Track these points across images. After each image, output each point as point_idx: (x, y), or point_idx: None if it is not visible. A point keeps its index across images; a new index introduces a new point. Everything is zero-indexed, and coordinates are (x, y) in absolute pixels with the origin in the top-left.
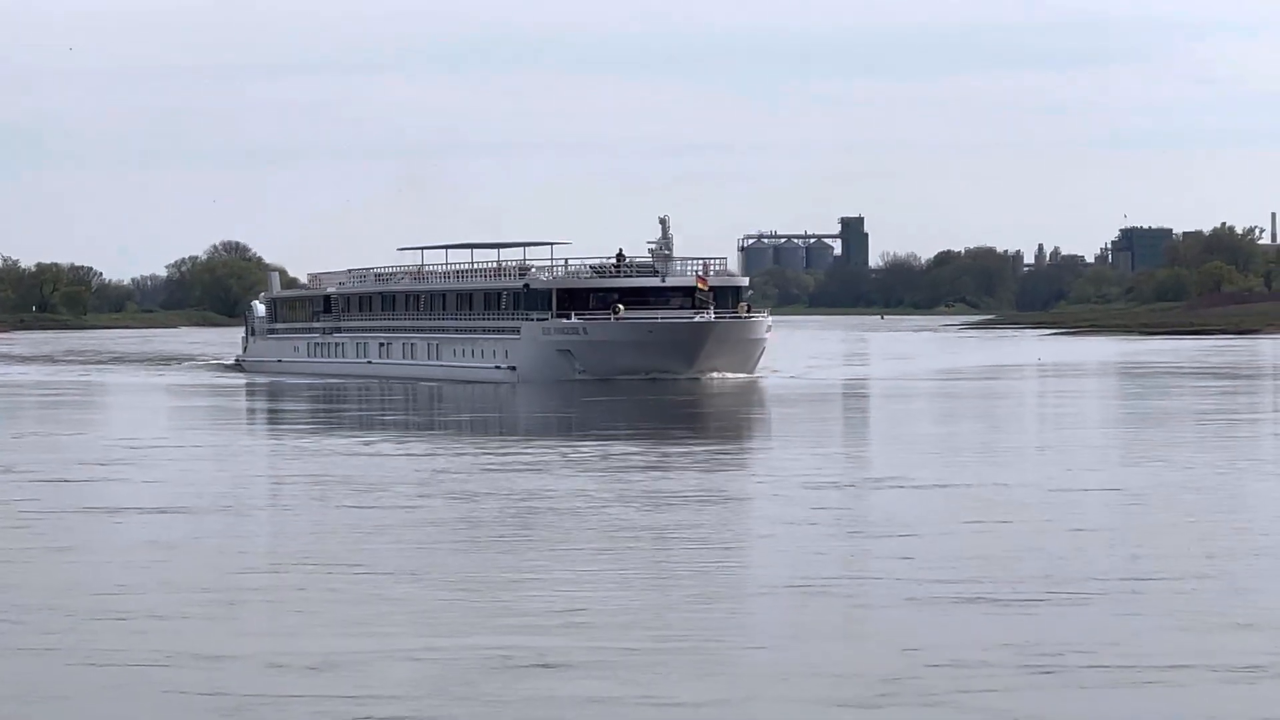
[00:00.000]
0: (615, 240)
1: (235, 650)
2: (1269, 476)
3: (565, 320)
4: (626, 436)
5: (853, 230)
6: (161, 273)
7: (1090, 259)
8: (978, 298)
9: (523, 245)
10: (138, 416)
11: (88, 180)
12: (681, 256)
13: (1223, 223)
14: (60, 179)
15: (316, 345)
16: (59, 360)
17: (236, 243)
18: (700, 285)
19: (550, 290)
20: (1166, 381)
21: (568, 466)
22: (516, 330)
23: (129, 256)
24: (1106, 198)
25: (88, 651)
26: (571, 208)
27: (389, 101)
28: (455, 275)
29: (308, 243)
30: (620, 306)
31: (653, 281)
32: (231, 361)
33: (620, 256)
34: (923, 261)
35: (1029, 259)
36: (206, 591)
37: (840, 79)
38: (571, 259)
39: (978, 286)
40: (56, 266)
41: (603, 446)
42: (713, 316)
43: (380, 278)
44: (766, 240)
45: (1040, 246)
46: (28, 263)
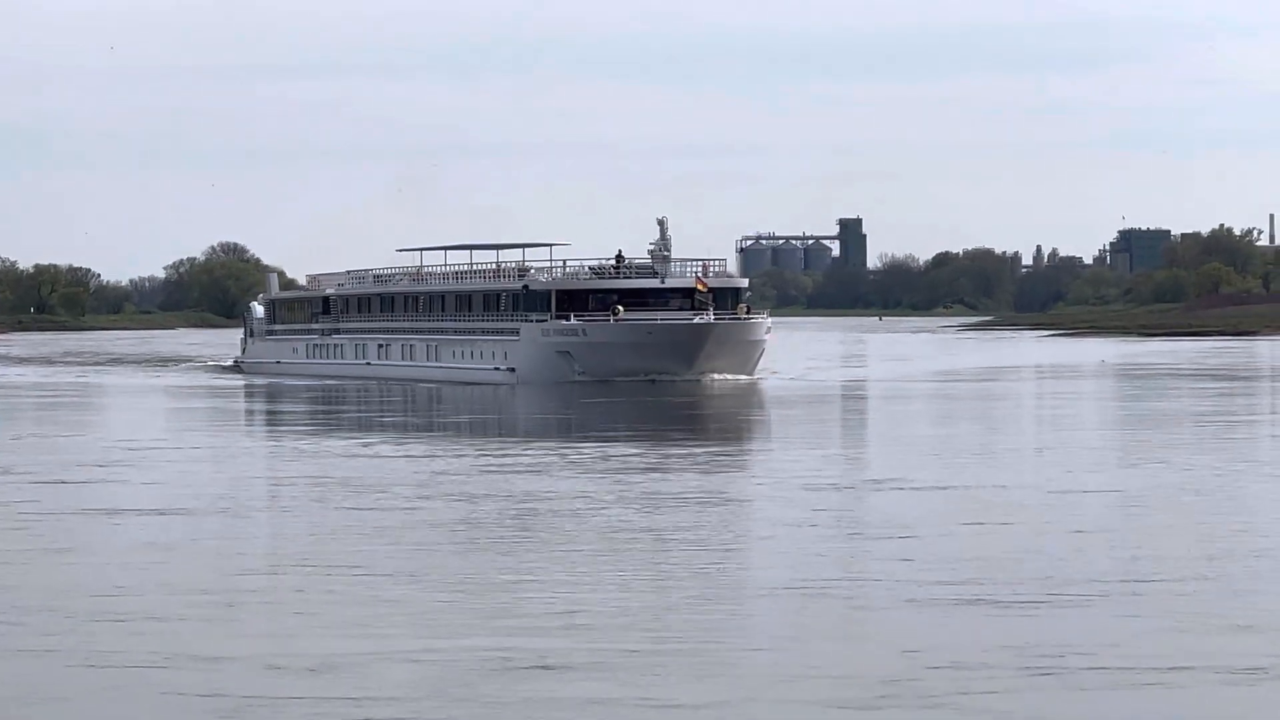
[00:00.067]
0: (614, 242)
1: (234, 652)
2: (1268, 478)
3: (564, 322)
4: (626, 438)
5: (851, 231)
6: (159, 274)
7: (1088, 260)
8: (976, 299)
9: (522, 246)
10: (136, 418)
11: (86, 181)
12: (680, 258)
13: (1221, 224)
14: (59, 180)
15: (315, 347)
16: (57, 361)
17: (234, 244)
18: (700, 287)
19: (549, 292)
20: (1165, 383)
21: (567, 468)
22: (515, 332)
23: (127, 257)
24: (1105, 199)
25: (86, 653)
26: (570, 209)
27: (387, 103)
28: (454, 276)
29: (306, 244)
30: (620, 308)
31: (652, 283)
32: (230, 363)
33: (619, 258)
34: (921, 263)
35: (1027, 260)
36: (205, 593)
37: (838, 80)
38: (570, 260)
39: (976, 288)
40: (54, 267)
41: (602, 448)
42: (712, 318)
43: (379, 279)
44: (765, 242)
45: (1038, 248)
46: (26, 264)
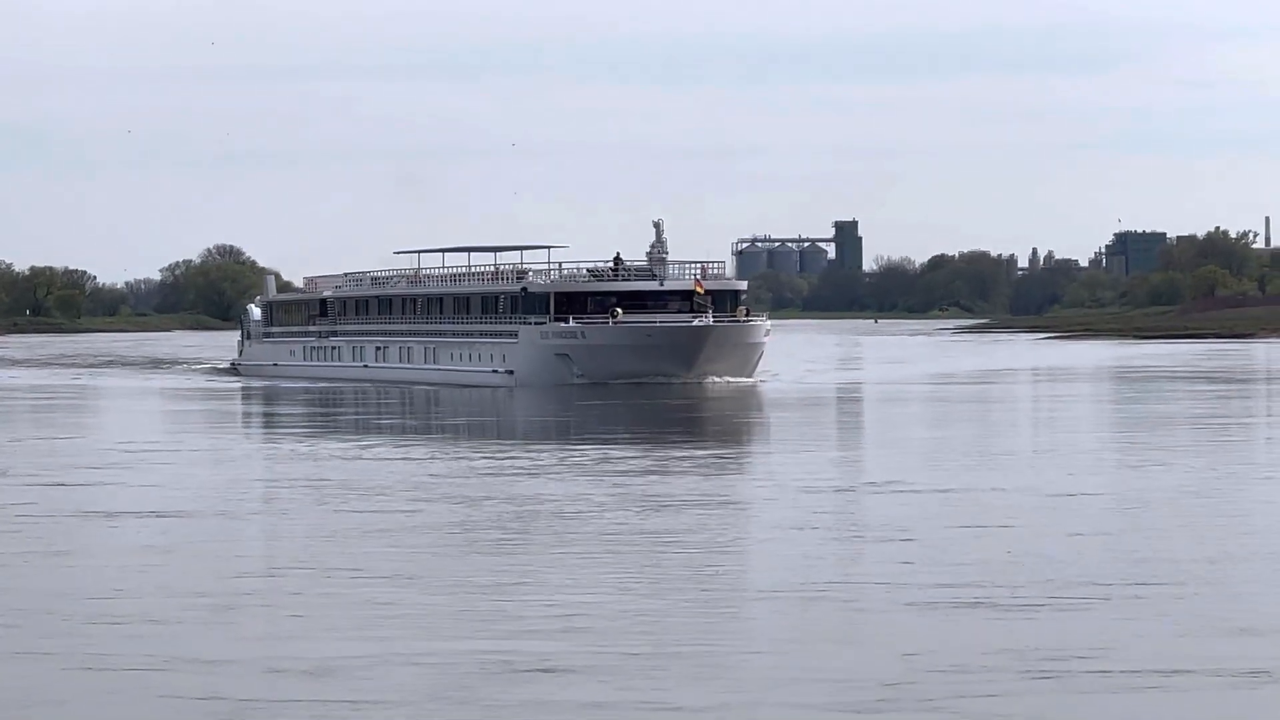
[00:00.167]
0: (611, 244)
1: (232, 655)
2: (1266, 480)
3: (563, 324)
4: (625, 441)
5: (846, 234)
6: (155, 276)
7: (1084, 263)
8: (971, 302)
9: (520, 249)
10: (133, 420)
11: (83, 183)
12: (679, 260)
13: (1217, 227)
14: (55, 181)
15: (312, 349)
16: (53, 364)
17: (230, 246)
18: (698, 289)
19: (548, 294)
20: (1161, 386)
21: (566, 470)
22: (514, 334)
23: (123, 260)
24: (1100, 202)
25: (84, 656)
26: (568, 211)
27: (385, 105)
28: (452, 279)
29: (302, 246)
30: (618, 310)
31: (651, 285)
32: (227, 365)
33: (618, 260)
34: (917, 265)
35: (1023, 263)
36: (203, 596)
37: (835, 83)
38: (569, 263)
39: (971, 290)
40: (50, 270)
41: (601, 450)
42: (711, 320)
43: (377, 281)
44: (760, 244)
45: (1034, 250)
46: (21, 266)
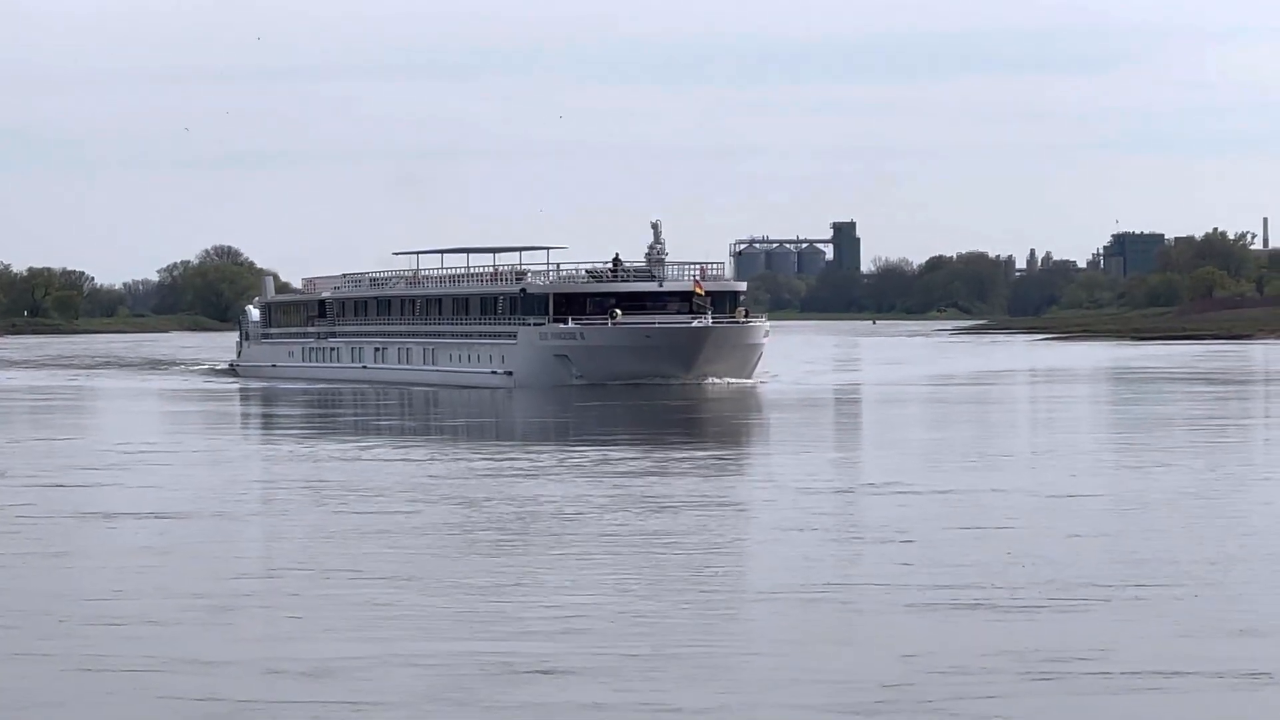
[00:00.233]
0: (609, 246)
1: (230, 656)
2: (1265, 482)
3: (562, 325)
4: (624, 442)
5: (845, 235)
6: (153, 277)
7: (1082, 264)
8: (970, 303)
9: (518, 250)
10: (132, 421)
11: (81, 183)
12: (678, 261)
13: (1215, 228)
14: (53, 182)
15: (311, 350)
16: (51, 365)
17: (228, 247)
18: (698, 290)
19: (547, 295)
20: (1160, 387)
21: (565, 472)
22: (513, 335)
23: (121, 261)
24: (1098, 203)
25: (82, 657)
26: (566, 212)
27: (385, 105)
28: (451, 280)
29: (300, 247)
30: (618, 311)
31: (650, 286)
32: (225, 366)
33: (617, 261)
34: (915, 267)
35: (1021, 264)
36: (201, 597)
37: (833, 84)
38: (568, 264)
39: (970, 292)
40: (48, 271)
41: (600, 452)
42: (710, 321)
43: (375, 282)
44: (758, 245)
45: (1032, 252)
46: (19, 267)
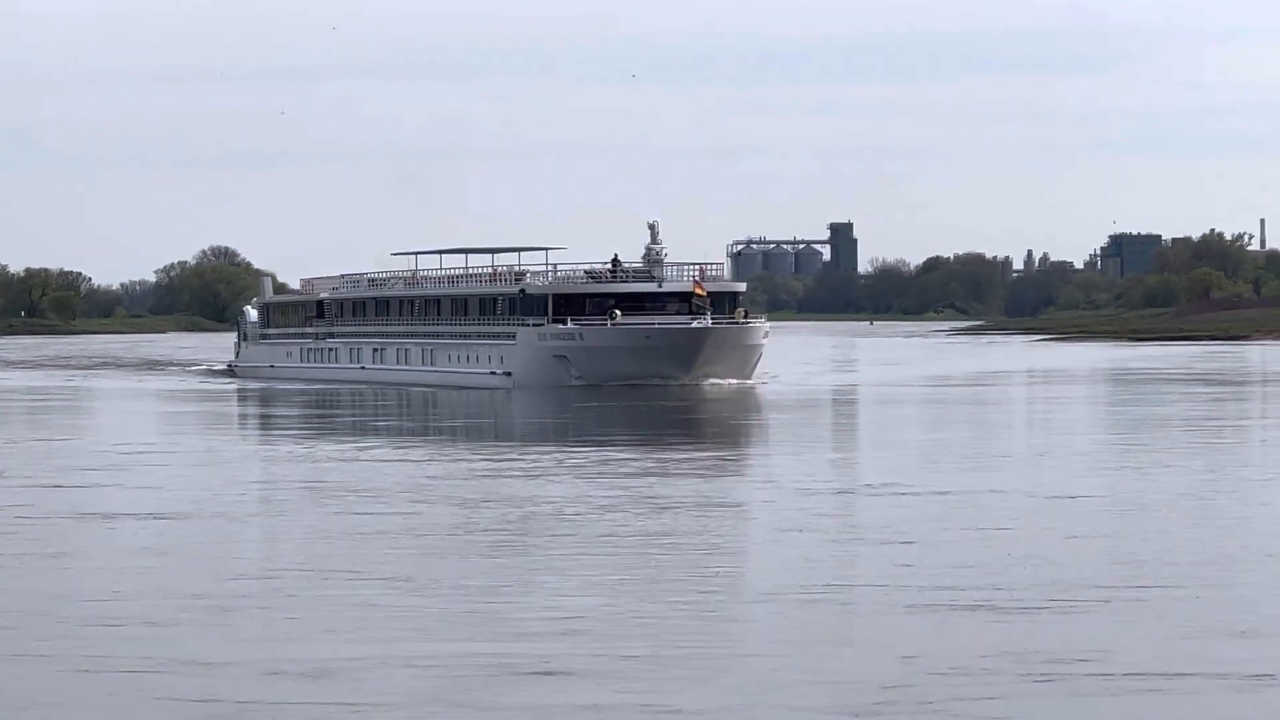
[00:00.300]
0: (606, 246)
1: (229, 657)
2: (1264, 482)
3: (561, 326)
4: (624, 442)
5: (842, 236)
6: (150, 278)
7: (1079, 265)
8: (967, 304)
9: (517, 250)
10: (130, 422)
11: (79, 184)
12: (677, 261)
13: (1212, 229)
14: (52, 183)
15: (310, 350)
16: (48, 365)
17: (225, 248)
18: (698, 291)
19: (546, 295)
20: (1157, 388)
21: (564, 472)
22: (512, 336)
23: (118, 261)
24: (1096, 204)
25: (81, 658)
26: (564, 213)
27: (383, 105)
28: (450, 280)
29: (299, 248)
30: (617, 312)
31: (649, 287)
32: (224, 367)
33: (615, 261)
34: (912, 267)
35: (1018, 265)
36: (200, 598)
37: (830, 84)
38: (567, 264)
39: (967, 292)
40: (45, 271)
41: (600, 452)
42: (710, 322)
43: (374, 283)
44: (756, 246)
45: (1029, 252)
46: (16, 267)
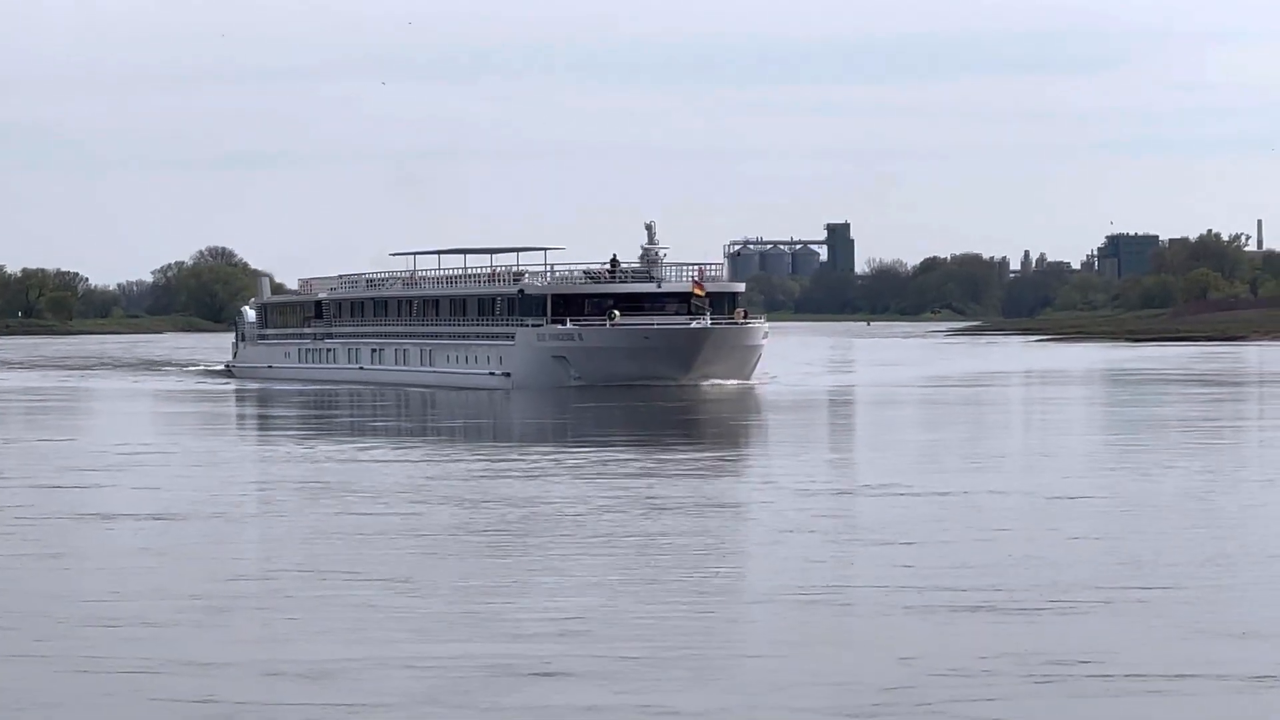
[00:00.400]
0: (604, 246)
1: (227, 658)
2: (1264, 483)
3: (560, 326)
4: (623, 443)
5: (839, 237)
6: (147, 278)
7: (1076, 266)
8: (963, 304)
9: (516, 250)
10: (128, 422)
11: (76, 184)
12: (676, 262)
13: (1209, 230)
14: (48, 183)
15: (308, 351)
16: (45, 365)
17: (222, 248)
18: (697, 291)
19: (545, 296)
20: (1155, 389)
21: (563, 473)
22: (511, 336)
23: (115, 262)
24: (1093, 204)
25: (79, 658)
26: (563, 213)
27: (383, 105)
28: (448, 280)
29: (297, 248)
30: (616, 312)
31: (648, 287)
32: (221, 367)
33: (614, 262)
34: (909, 268)
35: (1015, 265)
36: (198, 598)
37: (827, 85)
38: (565, 265)
39: (964, 293)
40: (42, 272)
41: (599, 453)
42: (709, 323)
43: (372, 283)
44: (753, 247)
45: (1026, 253)
46: (13, 268)
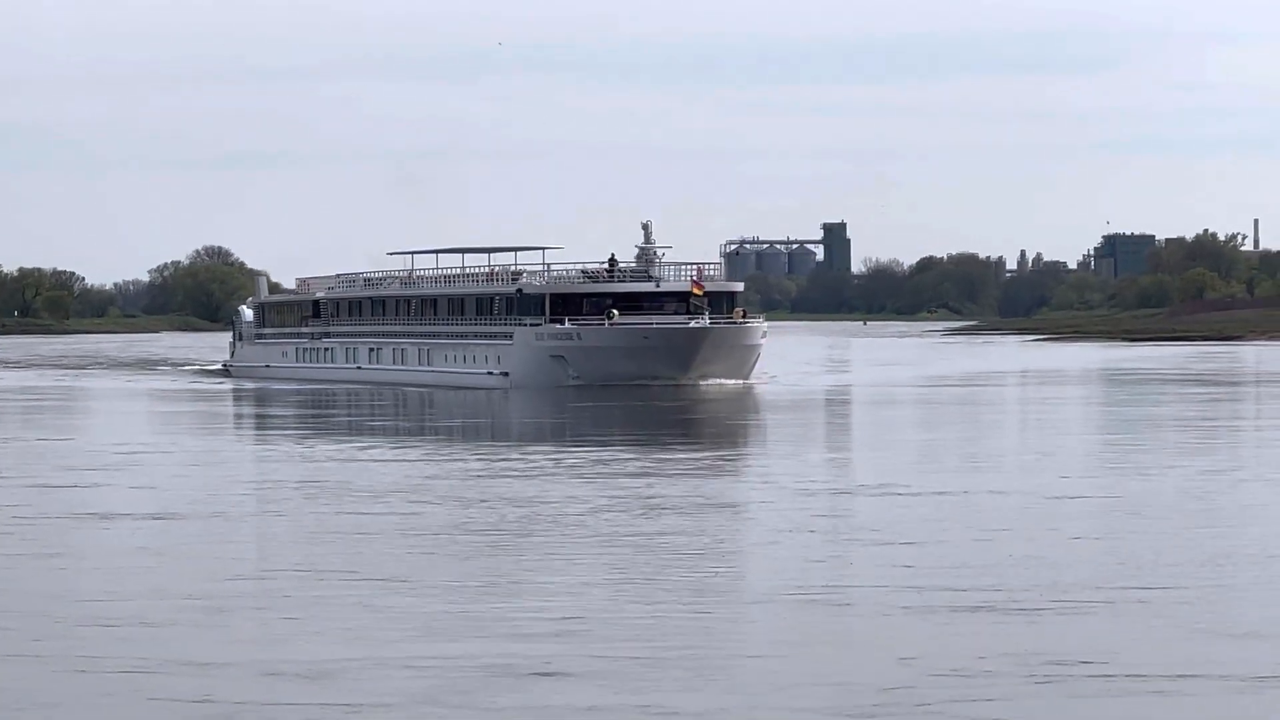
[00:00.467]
0: (603, 246)
1: (226, 658)
2: (1264, 483)
3: (559, 325)
4: (621, 443)
5: (835, 236)
6: (144, 277)
7: (1073, 265)
8: (960, 304)
9: (514, 250)
10: (125, 422)
11: (74, 183)
12: (674, 261)
13: (1205, 229)
14: (46, 182)
15: (305, 350)
16: (42, 365)
17: (219, 247)
18: (695, 291)
19: (543, 295)
20: (1152, 388)
21: (562, 473)
22: (509, 335)
23: (111, 261)
24: (1089, 204)
25: (77, 658)
26: (562, 213)
27: (383, 105)
28: (446, 280)
29: (295, 248)
30: (614, 312)
31: (647, 287)
32: (219, 366)
33: (613, 261)
34: (905, 267)
35: (1011, 265)
36: (196, 598)
37: (824, 85)
38: (563, 264)
39: (960, 293)
40: (39, 271)
41: (597, 453)
42: (708, 322)
43: (370, 282)
44: (749, 246)
45: (1023, 253)
46: (10, 267)
